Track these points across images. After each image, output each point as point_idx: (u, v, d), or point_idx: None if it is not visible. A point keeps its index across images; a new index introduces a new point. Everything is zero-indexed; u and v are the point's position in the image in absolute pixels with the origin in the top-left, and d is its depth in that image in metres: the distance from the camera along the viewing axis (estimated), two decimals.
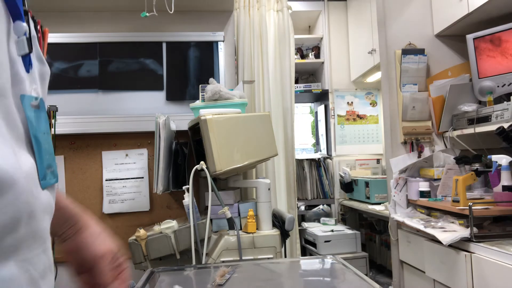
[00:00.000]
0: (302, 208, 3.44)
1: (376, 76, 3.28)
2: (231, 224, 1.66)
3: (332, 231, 2.97)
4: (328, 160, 3.48)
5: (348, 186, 3.30)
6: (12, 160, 0.34)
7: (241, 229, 1.81)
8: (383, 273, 3.01)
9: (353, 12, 3.59)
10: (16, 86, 0.37)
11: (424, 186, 2.13)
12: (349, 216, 3.46)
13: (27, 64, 0.39)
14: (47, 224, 0.43)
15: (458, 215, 1.80)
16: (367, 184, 3.05)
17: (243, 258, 1.66)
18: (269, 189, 1.87)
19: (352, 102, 3.66)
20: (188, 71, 2.38)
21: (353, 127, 3.65)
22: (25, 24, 0.38)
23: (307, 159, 3.40)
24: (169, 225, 1.67)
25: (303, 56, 3.78)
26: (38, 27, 0.45)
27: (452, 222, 1.82)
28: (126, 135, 2.28)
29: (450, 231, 1.70)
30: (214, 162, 1.59)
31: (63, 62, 2.30)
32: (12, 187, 0.33)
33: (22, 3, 0.38)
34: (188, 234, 1.62)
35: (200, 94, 2.15)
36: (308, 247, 3.08)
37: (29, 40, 0.39)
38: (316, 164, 3.40)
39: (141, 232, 1.66)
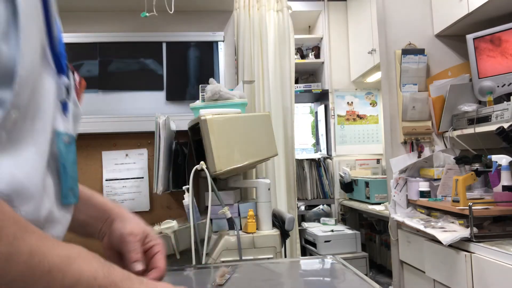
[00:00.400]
0: (302, 208, 3.44)
1: (376, 76, 3.28)
2: (231, 224, 1.66)
3: (332, 231, 2.97)
4: (328, 160, 3.48)
5: (348, 186, 3.30)
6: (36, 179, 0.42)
7: (241, 229, 1.81)
8: (383, 273, 3.01)
9: (353, 12, 3.59)
10: (53, 124, 0.46)
11: (424, 186, 2.13)
12: (349, 216, 3.45)
13: (64, 108, 0.50)
14: (57, 233, 0.48)
15: (458, 215, 1.80)
16: (367, 184, 3.05)
17: (243, 258, 1.66)
18: (269, 189, 1.87)
19: (352, 102, 3.66)
20: (188, 71, 2.38)
21: (353, 127, 3.65)
22: (66, 78, 0.49)
23: (307, 159, 3.40)
24: (169, 225, 1.67)
25: (303, 56, 3.78)
26: (77, 79, 0.58)
27: (452, 222, 1.82)
28: (126, 135, 2.27)
29: (450, 231, 1.70)
30: (214, 162, 1.59)
31: None
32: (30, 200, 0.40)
33: (66, 59, 0.51)
34: (188, 234, 1.61)
35: (200, 94, 2.15)
36: (308, 247, 3.07)
37: (68, 90, 0.50)
38: (316, 164, 3.40)
39: None
